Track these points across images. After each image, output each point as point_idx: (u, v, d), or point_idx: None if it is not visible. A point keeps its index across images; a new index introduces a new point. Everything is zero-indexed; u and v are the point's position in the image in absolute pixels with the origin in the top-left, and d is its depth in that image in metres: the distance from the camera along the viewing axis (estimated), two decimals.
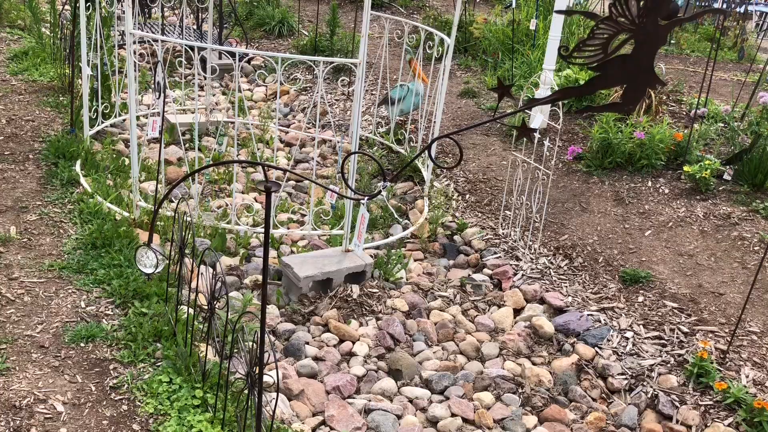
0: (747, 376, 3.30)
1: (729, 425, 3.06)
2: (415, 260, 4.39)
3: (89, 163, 4.62)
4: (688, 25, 9.92)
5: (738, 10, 9.54)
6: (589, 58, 1.49)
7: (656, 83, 1.56)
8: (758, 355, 3.43)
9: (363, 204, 3.41)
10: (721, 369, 3.34)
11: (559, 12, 1.74)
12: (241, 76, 7.32)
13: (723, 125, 5.63)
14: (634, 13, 1.44)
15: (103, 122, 5.33)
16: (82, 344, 2.98)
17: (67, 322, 3.11)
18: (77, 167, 4.52)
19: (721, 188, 4.82)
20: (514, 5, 7.43)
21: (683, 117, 6.00)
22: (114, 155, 4.99)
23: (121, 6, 5.75)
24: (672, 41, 9.13)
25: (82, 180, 4.38)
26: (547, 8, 7.48)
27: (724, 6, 7.93)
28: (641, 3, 1.42)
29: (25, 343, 2.95)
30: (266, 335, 2.23)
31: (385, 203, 4.80)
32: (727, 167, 4.93)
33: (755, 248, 4.20)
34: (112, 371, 2.86)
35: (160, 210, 3.79)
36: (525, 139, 4.85)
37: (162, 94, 3.74)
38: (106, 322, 3.13)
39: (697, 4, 10.21)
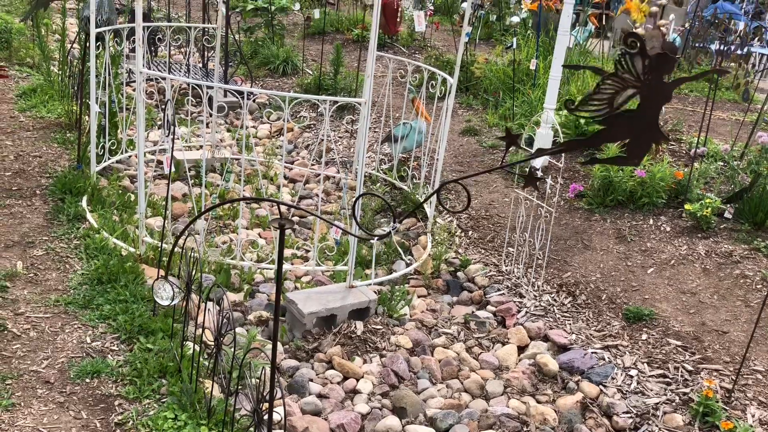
0: (753, 416, 3.29)
1: None
2: (419, 296, 4.40)
3: (95, 199, 4.66)
4: (686, 65, 10.09)
5: (738, 52, 9.71)
6: (594, 112, 1.54)
7: (661, 139, 1.61)
8: (764, 395, 3.42)
9: (373, 245, 3.44)
10: (727, 408, 3.33)
11: (566, 66, 1.80)
12: (246, 114, 7.41)
13: (723, 164, 5.69)
14: (639, 70, 1.47)
15: (109, 158, 5.39)
16: (88, 380, 2.98)
17: (72, 357, 3.11)
18: (84, 203, 4.56)
19: (722, 226, 4.86)
20: (514, 46, 7.57)
21: (683, 156, 6.07)
22: (120, 191, 5.04)
23: (130, 44, 5.86)
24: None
25: (89, 215, 4.41)
26: (547, 48, 7.61)
27: (722, 48, 8.07)
28: (646, 61, 1.46)
29: (30, 378, 2.95)
30: (276, 369, 2.24)
31: (390, 240, 4.83)
32: (728, 206, 4.97)
33: (758, 286, 4.21)
34: (117, 407, 2.85)
35: (165, 245, 3.83)
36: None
37: (170, 132, 3.80)
38: (111, 358, 3.13)
39: (694, 45, 10.38)
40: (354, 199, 2.80)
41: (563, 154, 4.38)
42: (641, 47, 1.45)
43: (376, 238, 3.24)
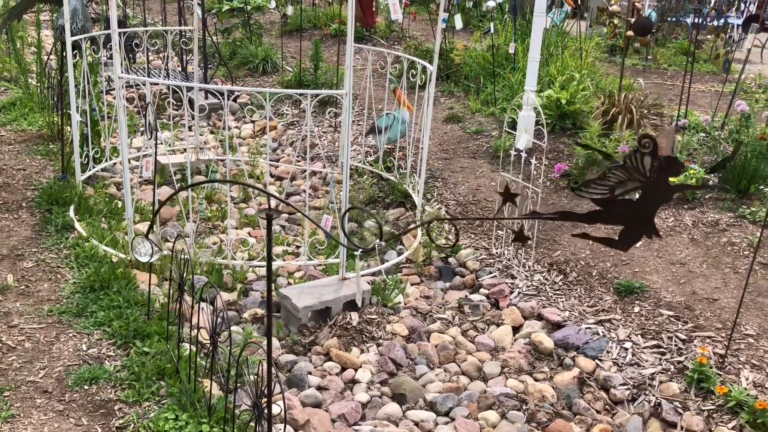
0: (747, 379, 3.34)
1: (732, 428, 3.09)
2: (412, 284, 4.42)
3: (83, 208, 4.65)
4: (664, 40, 10.14)
5: (714, 23, 9.77)
6: (596, 194, 1.62)
7: (653, 234, 1.66)
8: (756, 357, 3.47)
9: (357, 257, 3.48)
10: (721, 373, 3.38)
11: (579, 144, 1.89)
12: (228, 114, 7.39)
13: (704, 135, 5.74)
14: (647, 168, 1.55)
15: (94, 167, 5.38)
16: (86, 386, 2.98)
17: (69, 365, 3.11)
18: (71, 212, 4.55)
19: (707, 196, 4.90)
20: (492, 31, 7.59)
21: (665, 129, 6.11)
22: (107, 199, 5.03)
23: (107, 52, 5.84)
24: (649, 57, 9.32)
25: (77, 225, 4.40)
26: (525, 32, 7.63)
27: (697, 21, 8.13)
28: (656, 162, 1.53)
29: (28, 389, 2.95)
30: (272, 362, 2.25)
31: (379, 230, 4.85)
32: (712, 175, 5.02)
33: (745, 253, 4.26)
34: (117, 411, 2.86)
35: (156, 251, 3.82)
36: (512, 163, 4.93)
37: (153, 136, 3.79)
38: (108, 364, 3.14)
39: (669, 20, 10.44)
40: (343, 214, 2.82)
41: (546, 136, 4.41)
42: (653, 148, 1.52)
43: (361, 250, 3.32)
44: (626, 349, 3.67)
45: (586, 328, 3.83)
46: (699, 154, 5.49)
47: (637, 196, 1.61)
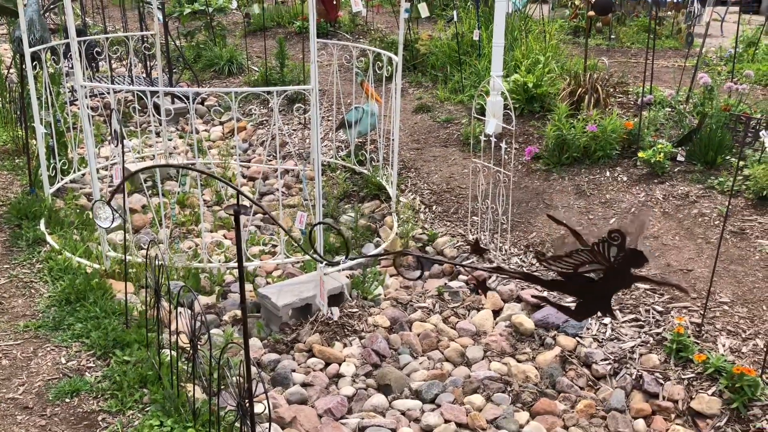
0: (724, 345, 3.40)
1: (713, 394, 3.14)
2: (391, 276, 4.43)
3: (54, 221, 4.58)
4: (624, 18, 10.24)
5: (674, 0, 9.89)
6: (559, 267, 1.73)
7: (607, 312, 1.78)
8: (732, 324, 3.54)
9: (320, 268, 3.50)
10: (699, 342, 3.44)
11: (550, 217, 1.97)
12: (196, 118, 7.33)
13: (670, 109, 5.82)
14: (612, 257, 1.63)
15: (62, 179, 5.30)
16: (68, 399, 2.95)
17: (49, 380, 3.07)
18: (42, 226, 4.48)
19: (676, 170, 4.97)
20: (456, 19, 7.61)
21: (631, 106, 6.18)
22: (78, 210, 4.96)
23: (68, 62, 5.75)
24: (612, 36, 9.41)
25: (48, 238, 4.34)
26: (488, 18, 7.66)
27: None
28: (621, 254, 1.61)
29: (8, 406, 2.91)
30: (253, 363, 2.24)
31: (355, 225, 4.85)
32: (680, 149, 5.09)
33: (715, 222, 4.33)
34: (101, 422, 2.83)
35: (129, 258, 3.79)
36: (482, 149, 4.95)
37: (119, 143, 3.75)
38: (89, 375, 3.10)
39: (628, 1, 10.54)
40: (309, 230, 2.82)
41: (514, 119, 4.44)
42: (621, 243, 1.60)
43: (324, 263, 3.36)
44: (605, 324, 3.71)
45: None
46: (666, 128, 5.56)
47: (598, 277, 1.72)
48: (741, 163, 4.69)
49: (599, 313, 1.77)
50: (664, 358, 3.41)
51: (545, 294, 3.80)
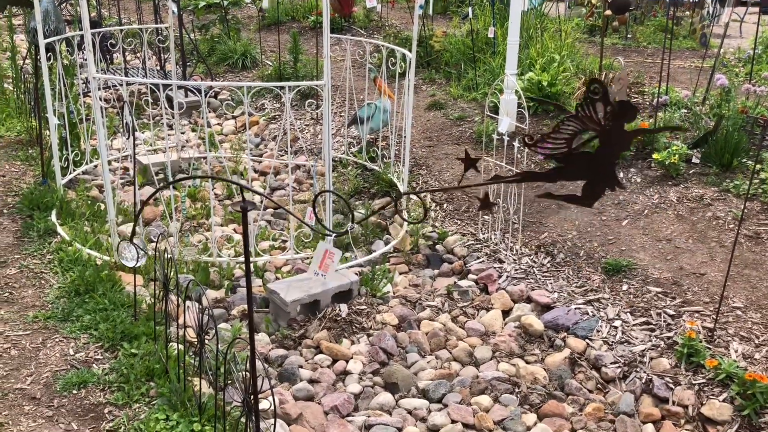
0: (736, 351, 3.35)
1: (724, 400, 3.10)
2: (400, 273, 4.41)
3: (65, 212, 4.60)
4: (642, 18, 10.15)
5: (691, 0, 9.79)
6: (553, 150, 1.54)
7: (616, 185, 1.60)
8: (744, 329, 3.49)
9: (329, 240, 3.46)
10: (710, 347, 3.39)
11: (533, 99, 1.82)
12: (209, 111, 7.34)
13: (686, 111, 5.75)
14: (600, 116, 1.48)
15: (74, 170, 5.32)
16: (75, 391, 2.95)
17: (57, 371, 3.08)
18: (53, 217, 4.49)
19: (691, 172, 4.91)
20: (471, 16, 7.56)
21: (647, 107, 6.12)
22: (89, 202, 4.98)
23: (82, 54, 5.76)
24: (629, 35, 9.32)
25: (59, 229, 4.35)
26: (504, 15, 7.61)
27: None
28: (608, 107, 1.45)
29: (16, 396, 2.92)
30: (259, 360, 2.23)
31: (366, 221, 4.83)
32: (695, 151, 5.03)
33: (730, 226, 4.28)
34: (107, 415, 2.84)
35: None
36: (495, 147, 4.91)
37: (131, 135, 3.75)
38: (96, 367, 3.11)
39: (646, 1, 10.45)
40: (315, 195, 2.81)
41: (528, 119, 4.40)
42: (603, 94, 1.45)
43: (334, 234, 3.31)
44: (616, 327, 3.67)
45: (575, 308, 3.83)
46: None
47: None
48: (757, 166, 4.63)
49: (608, 190, 1.60)
50: (675, 362, 3.37)
51: (553, 297, 3.76)
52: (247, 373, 2.39)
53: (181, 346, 3.02)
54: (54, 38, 4.95)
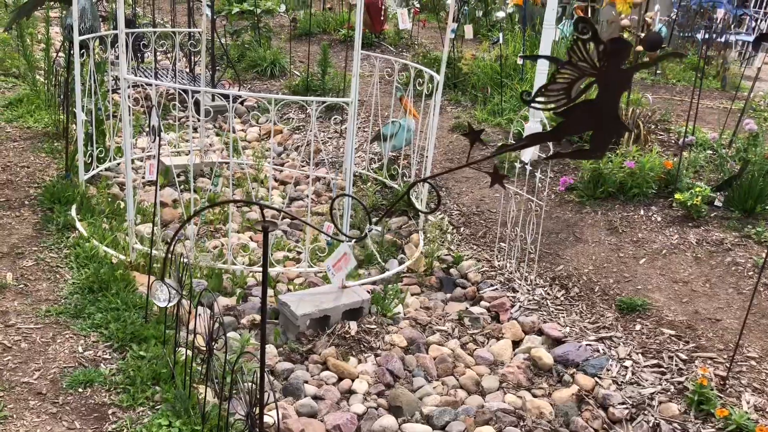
0: (748, 402, 3.30)
1: None
2: (412, 294, 4.40)
3: (85, 208, 4.64)
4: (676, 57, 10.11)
5: (719, 40, 9.74)
6: (552, 103, 1.47)
7: (622, 129, 1.55)
8: (758, 381, 3.43)
9: (349, 245, 3.45)
10: (722, 395, 3.34)
11: (524, 57, 1.78)
12: (235, 117, 7.39)
13: (711, 152, 5.71)
14: (594, 58, 1.41)
15: (98, 166, 5.37)
16: (80, 389, 2.96)
17: (64, 367, 3.09)
18: (73, 212, 4.53)
19: (712, 215, 4.86)
20: (501, 41, 7.57)
21: (672, 145, 6.08)
22: (109, 199, 5.02)
23: (115, 51, 5.83)
24: (658, 71, 9.28)
25: (78, 224, 4.39)
26: (534, 43, 7.62)
27: (706, 36, 8.09)
28: (600, 47, 1.39)
29: (22, 390, 2.93)
30: (266, 374, 2.23)
31: (379, 239, 4.82)
32: (718, 194, 4.98)
33: (749, 273, 4.22)
34: (110, 416, 2.84)
35: (155, 252, 3.81)
36: (516, 175, 4.90)
37: (157, 137, 3.78)
38: (104, 367, 3.12)
39: (680, 35, 10.41)
40: (332, 200, 2.81)
41: (551, 148, 4.39)
42: (593, 33, 1.38)
43: (353, 240, 3.27)
44: (626, 367, 3.63)
45: (587, 344, 3.79)
46: (705, 171, 5.45)
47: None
48: None
49: (616, 139, 1.53)
50: (684, 408, 3.31)
51: (565, 330, 3.72)
52: (253, 384, 2.39)
53: (189, 352, 3.03)
54: (88, 36, 5.02)
